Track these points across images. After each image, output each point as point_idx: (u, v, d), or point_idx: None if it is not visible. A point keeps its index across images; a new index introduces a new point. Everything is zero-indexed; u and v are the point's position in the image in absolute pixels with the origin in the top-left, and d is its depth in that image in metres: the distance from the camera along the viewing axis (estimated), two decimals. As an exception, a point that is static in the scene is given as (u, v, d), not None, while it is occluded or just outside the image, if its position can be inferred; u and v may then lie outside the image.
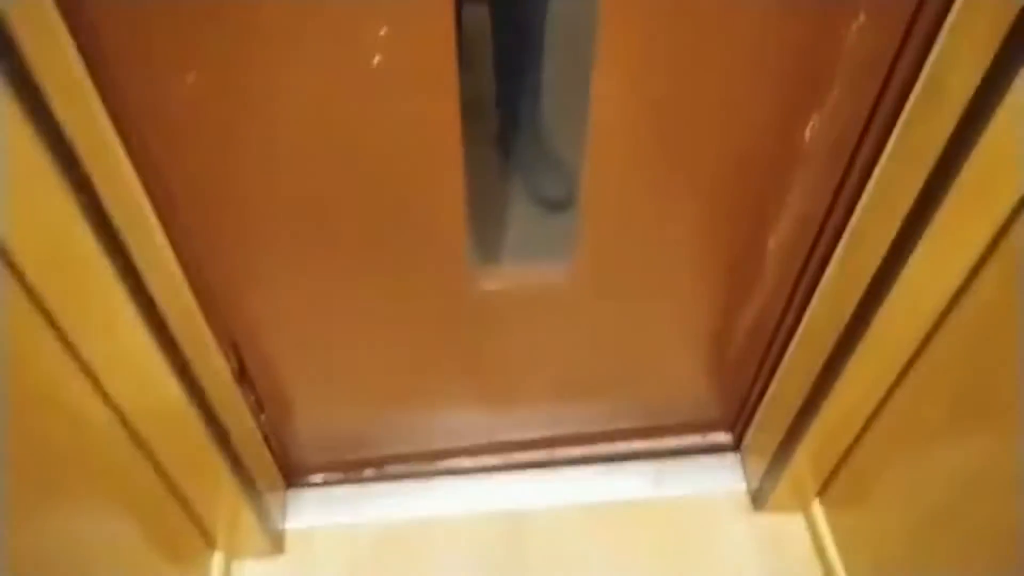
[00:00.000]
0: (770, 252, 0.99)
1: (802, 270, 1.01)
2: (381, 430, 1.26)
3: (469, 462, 1.32)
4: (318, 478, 1.31)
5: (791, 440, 1.15)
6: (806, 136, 0.82)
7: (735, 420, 1.33)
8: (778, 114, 0.80)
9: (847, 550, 1.19)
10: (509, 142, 1.53)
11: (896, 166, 0.78)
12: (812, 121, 0.81)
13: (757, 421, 1.26)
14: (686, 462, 1.35)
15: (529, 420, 1.28)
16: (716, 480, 1.33)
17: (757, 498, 1.29)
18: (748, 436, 1.31)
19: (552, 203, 1.44)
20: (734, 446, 1.36)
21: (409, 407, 1.21)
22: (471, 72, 0.81)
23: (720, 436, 1.36)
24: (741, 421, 1.32)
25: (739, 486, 1.33)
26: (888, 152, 0.78)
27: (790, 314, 1.07)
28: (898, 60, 0.75)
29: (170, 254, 0.83)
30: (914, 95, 0.73)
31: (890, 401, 1.01)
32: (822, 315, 0.99)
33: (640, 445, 1.34)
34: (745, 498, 1.31)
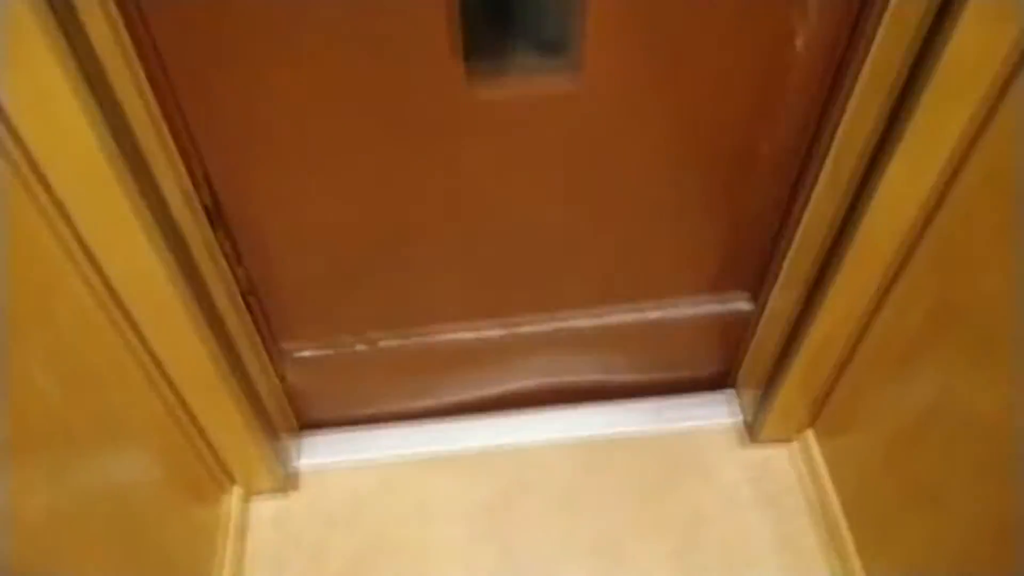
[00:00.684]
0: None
1: (795, 186, 1.05)
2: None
3: (473, 393, 1.37)
4: (329, 422, 1.36)
5: (780, 368, 1.19)
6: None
7: (730, 355, 1.38)
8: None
9: (837, 474, 1.24)
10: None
11: (873, 74, 0.81)
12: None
13: (750, 353, 1.31)
14: (684, 399, 1.40)
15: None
16: (713, 415, 1.39)
17: (752, 430, 1.34)
18: (742, 369, 1.36)
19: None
20: (730, 381, 1.41)
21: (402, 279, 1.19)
22: None
23: (716, 371, 1.40)
24: (736, 355, 1.36)
25: (735, 419, 1.38)
26: (869, 59, 0.81)
27: (781, 236, 1.11)
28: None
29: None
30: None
31: (873, 321, 1.06)
32: (807, 234, 1.03)
33: (639, 382, 1.39)
34: (741, 430, 1.36)
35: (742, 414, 1.37)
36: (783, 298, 1.15)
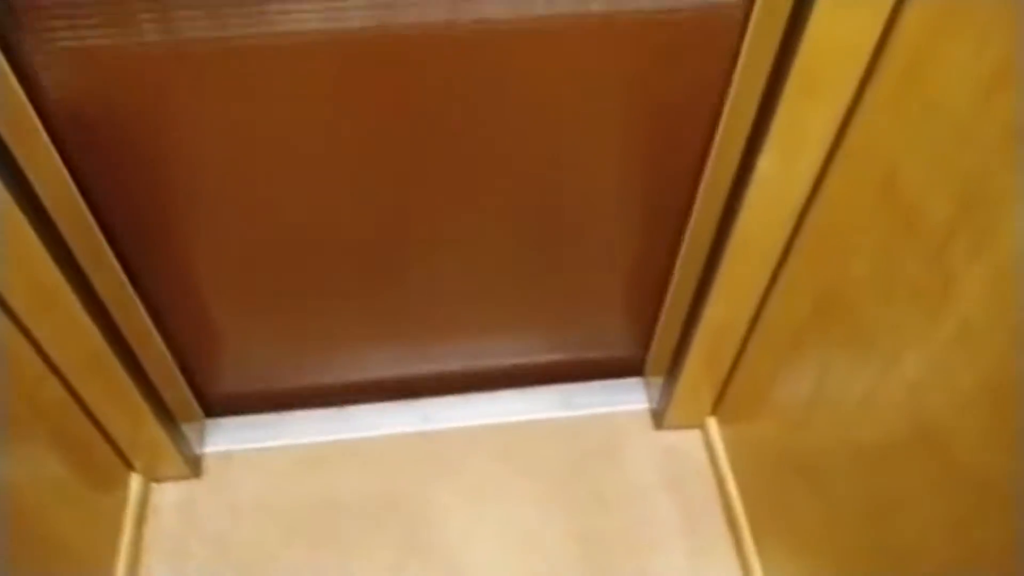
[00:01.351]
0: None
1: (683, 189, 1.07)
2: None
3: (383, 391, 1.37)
4: (234, 407, 1.35)
5: (681, 355, 1.22)
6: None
7: (639, 343, 1.40)
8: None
9: (736, 459, 1.28)
10: None
11: (750, 56, 0.84)
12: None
13: (655, 340, 1.33)
14: (595, 384, 1.42)
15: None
16: (623, 401, 1.40)
17: (657, 416, 1.37)
18: (649, 359, 1.38)
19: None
20: (638, 369, 1.43)
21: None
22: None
23: (625, 359, 1.42)
24: (643, 343, 1.38)
25: (642, 406, 1.40)
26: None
27: (674, 233, 1.14)
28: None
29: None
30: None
31: (764, 310, 1.09)
32: (697, 225, 1.06)
33: (550, 369, 1.40)
34: (647, 417, 1.39)
35: (649, 401, 1.39)
36: (679, 288, 1.17)
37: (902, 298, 0.76)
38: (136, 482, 1.23)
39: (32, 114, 0.80)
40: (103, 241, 0.96)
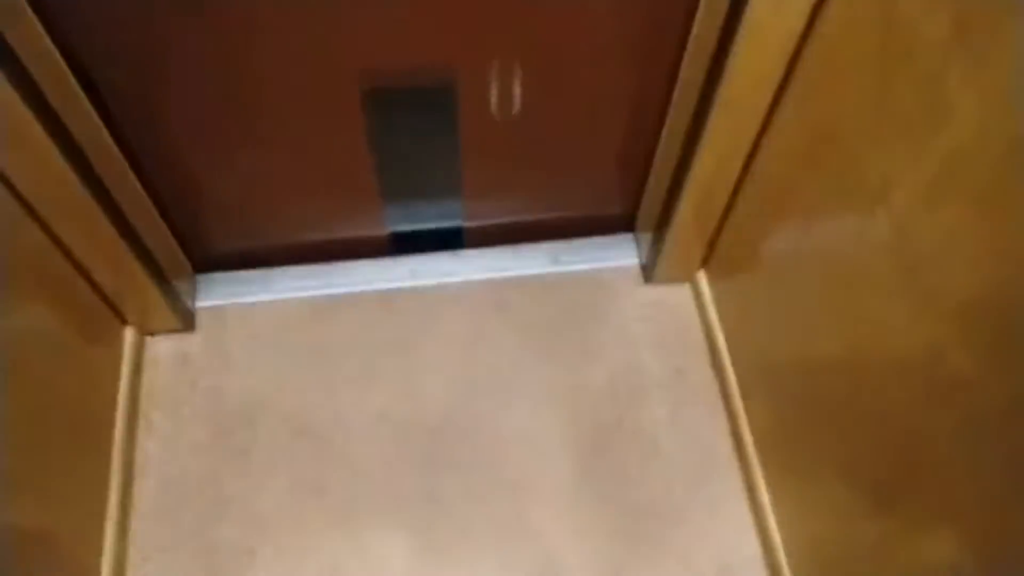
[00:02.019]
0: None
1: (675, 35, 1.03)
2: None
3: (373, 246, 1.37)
4: (224, 263, 1.35)
5: (671, 208, 1.20)
6: None
7: (630, 202, 1.39)
8: None
9: (723, 312, 1.29)
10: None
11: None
12: None
13: (646, 194, 1.32)
14: (586, 241, 1.41)
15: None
16: (613, 257, 1.40)
17: (647, 271, 1.37)
18: (640, 214, 1.37)
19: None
20: (629, 226, 1.42)
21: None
22: None
23: (615, 216, 1.41)
24: (634, 199, 1.37)
25: (632, 262, 1.40)
26: None
27: (667, 81, 1.10)
28: None
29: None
30: None
31: (754, 159, 1.07)
32: (687, 72, 1.03)
33: (539, 227, 1.39)
34: (637, 273, 1.39)
35: (639, 256, 1.39)
36: (669, 138, 1.14)
37: (894, 132, 0.75)
38: (130, 336, 1.24)
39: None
40: (75, 84, 0.93)
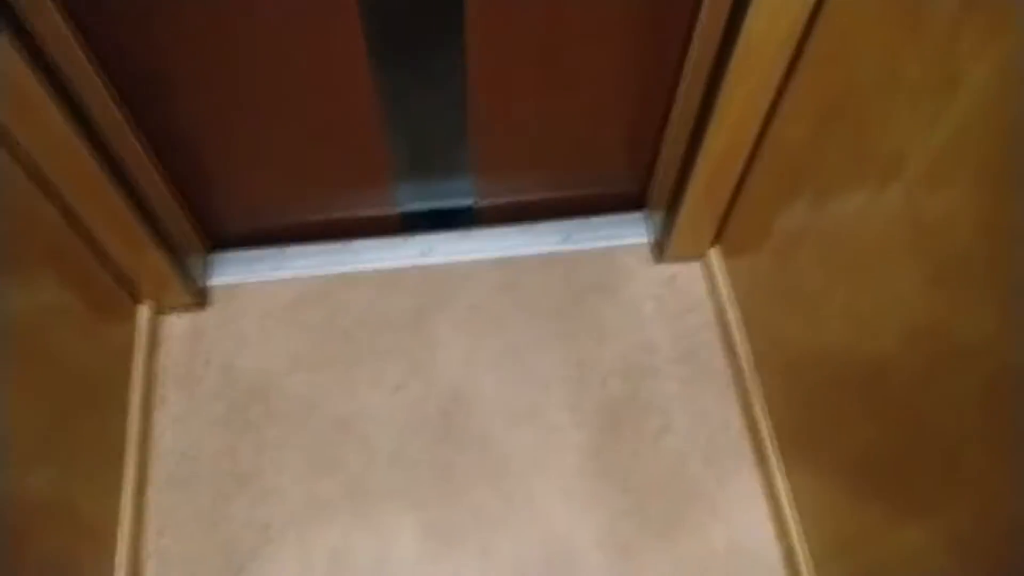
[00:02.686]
0: None
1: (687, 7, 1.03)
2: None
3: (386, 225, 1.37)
4: (237, 241, 1.36)
5: (682, 185, 1.20)
6: None
7: (641, 180, 1.38)
8: None
9: (736, 288, 1.28)
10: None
11: None
12: None
13: (656, 175, 1.31)
14: (594, 221, 1.41)
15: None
16: (625, 235, 1.40)
17: (658, 249, 1.37)
18: (650, 192, 1.37)
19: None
20: (640, 204, 1.42)
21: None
22: None
23: (627, 194, 1.41)
24: (645, 177, 1.37)
25: (643, 240, 1.40)
26: None
27: (676, 58, 1.10)
28: None
29: None
30: None
31: (765, 134, 1.06)
32: (699, 46, 1.02)
33: (550, 205, 1.39)
34: (648, 251, 1.39)
35: (650, 235, 1.39)
36: (680, 116, 1.14)
37: (905, 101, 0.74)
38: (144, 313, 1.25)
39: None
40: (89, 61, 0.94)
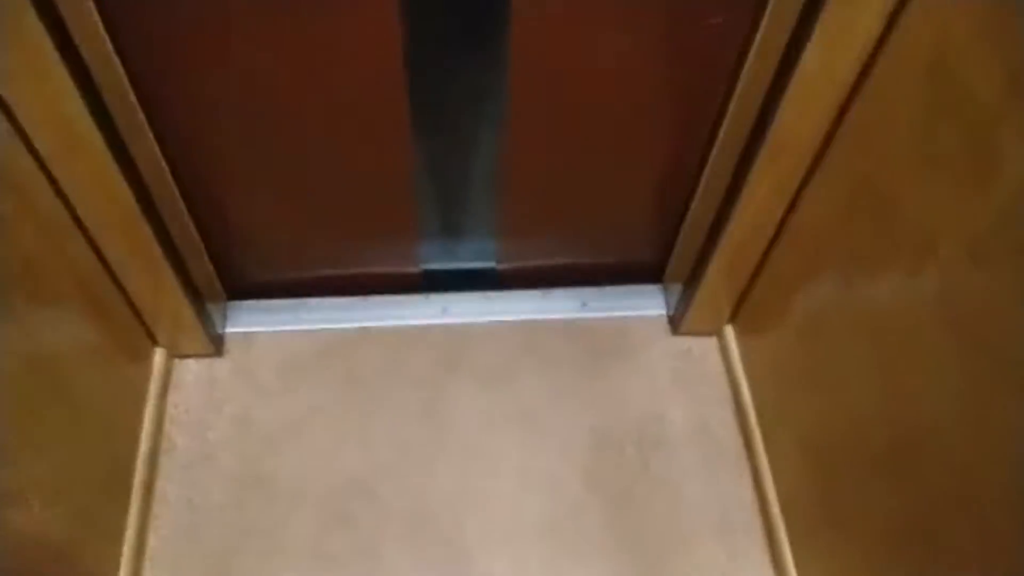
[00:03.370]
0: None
1: (720, 88, 1.06)
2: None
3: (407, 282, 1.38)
4: (257, 291, 1.36)
5: (703, 261, 1.22)
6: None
7: (660, 251, 1.40)
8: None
9: (752, 366, 1.29)
10: None
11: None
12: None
13: (676, 249, 1.33)
14: (611, 290, 1.42)
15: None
16: (640, 306, 1.41)
17: (675, 322, 1.38)
18: (669, 265, 1.38)
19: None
20: (657, 276, 1.43)
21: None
22: None
23: (645, 264, 1.42)
24: (665, 252, 1.38)
25: (659, 312, 1.41)
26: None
27: (706, 135, 1.12)
28: None
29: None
30: None
31: (793, 213, 1.08)
32: (731, 124, 1.04)
33: (568, 272, 1.40)
34: (664, 323, 1.40)
35: (667, 307, 1.40)
36: (705, 194, 1.16)
37: (942, 184, 0.76)
38: (160, 357, 1.24)
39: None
40: (134, 98, 0.95)
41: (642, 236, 1.36)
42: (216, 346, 1.29)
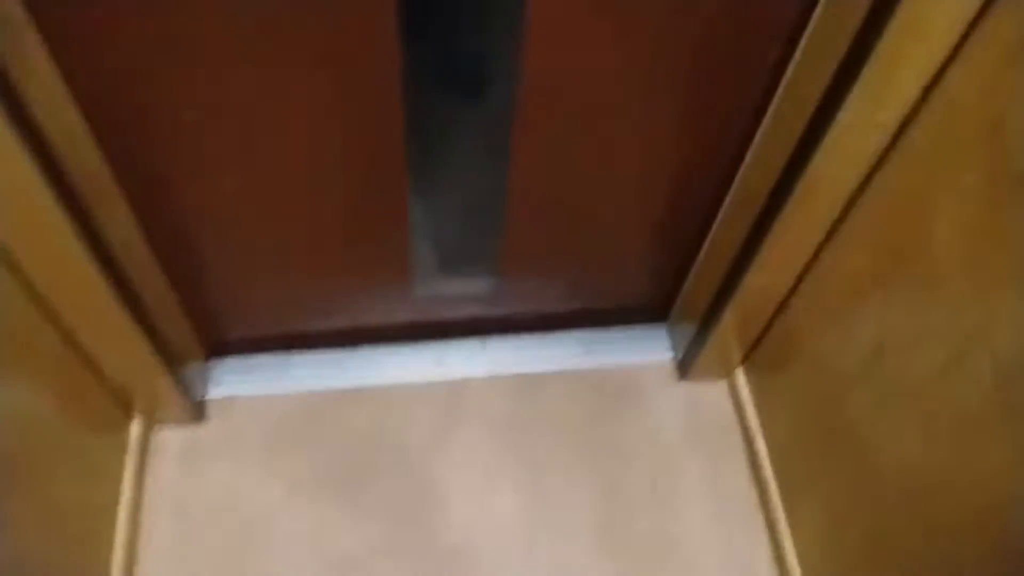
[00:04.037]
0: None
1: (741, 130, 0.99)
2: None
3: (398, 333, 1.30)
4: (239, 349, 1.27)
5: (717, 308, 1.15)
6: None
7: (666, 292, 1.33)
8: None
9: (766, 415, 1.22)
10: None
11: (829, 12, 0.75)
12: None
13: (685, 291, 1.26)
14: (616, 333, 1.36)
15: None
16: (646, 349, 1.34)
17: (682, 367, 1.31)
18: (676, 307, 1.32)
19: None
20: (663, 318, 1.36)
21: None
22: None
23: (650, 308, 1.36)
24: (671, 293, 1.32)
25: (666, 356, 1.34)
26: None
27: (722, 178, 1.06)
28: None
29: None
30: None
31: (816, 264, 1.02)
32: (753, 175, 0.98)
33: (570, 315, 1.33)
34: (671, 367, 1.33)
35: (674, 350, 1.34)
36: (720, 240, 1.09)
37: (999, 264, 0.70)
38: (136, 429, 1.16)
39: (34, 34, 0.70)
40: (108, 173, 0.86)
41: (646, 278, 1.29)
42: (197, 412, 1.20)
